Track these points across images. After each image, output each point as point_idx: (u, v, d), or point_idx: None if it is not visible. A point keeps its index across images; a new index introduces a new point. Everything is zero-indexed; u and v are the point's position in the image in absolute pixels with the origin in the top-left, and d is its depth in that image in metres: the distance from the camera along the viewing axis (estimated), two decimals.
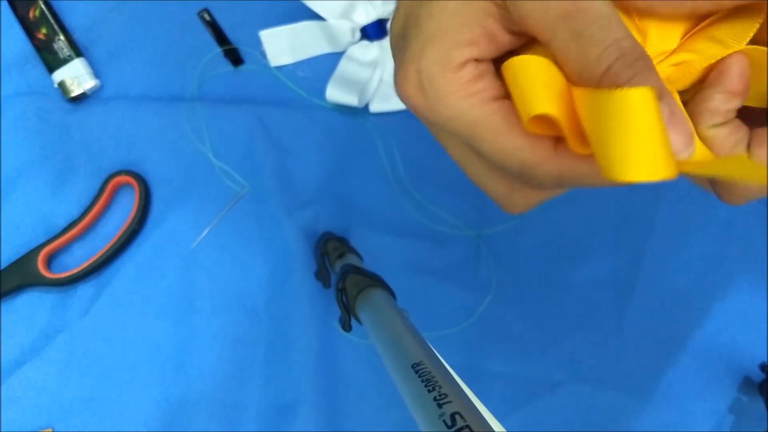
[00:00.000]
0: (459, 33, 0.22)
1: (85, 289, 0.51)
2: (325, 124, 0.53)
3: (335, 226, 0.51)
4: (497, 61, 0.23)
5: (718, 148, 0.23)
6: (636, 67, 0.19)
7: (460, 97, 0.22)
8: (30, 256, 0.50)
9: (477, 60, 0.22)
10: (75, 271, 0.50)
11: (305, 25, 0.54)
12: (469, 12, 0.22)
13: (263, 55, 0.54)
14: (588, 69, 0.20)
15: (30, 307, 0.50)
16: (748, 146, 0.23)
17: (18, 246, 0.51)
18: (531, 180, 0.23)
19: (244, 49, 0.54)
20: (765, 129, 0.23)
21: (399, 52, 0.24)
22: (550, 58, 0.21)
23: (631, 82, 0.19)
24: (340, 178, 0.53)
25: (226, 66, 0.54)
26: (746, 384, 0.49)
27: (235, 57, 0.54)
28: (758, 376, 0.49)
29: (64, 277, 0.50)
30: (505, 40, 0.23)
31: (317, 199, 0.52)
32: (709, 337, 0.50)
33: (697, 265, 0.51)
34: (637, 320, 0.50)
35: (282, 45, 0.54)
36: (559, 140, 0.22)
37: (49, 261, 0.51)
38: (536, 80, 0.21)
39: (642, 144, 0.18)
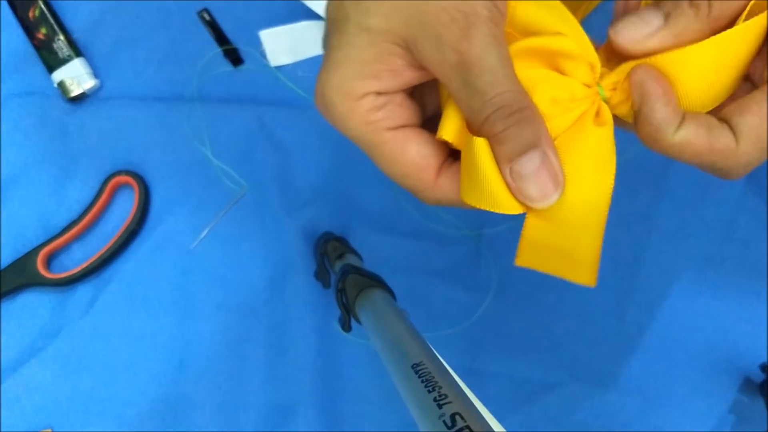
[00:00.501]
0: (360, 67, 0.24)
1: (84, 290, 0.51)
2: (325, 124, 0.53)
3: (335, 226, 0.51)
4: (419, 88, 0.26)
5: (700, 146, 0.23)
6: (512, 119, 0.22)
7: (358, 123, 0.24)
8: (29, 256, 0.50)
9: (378, 92, 0.24)
10: (74, 271, 0.50)
11: (305, 25, 0.54)
12: (372, 51, 0.24)
13: (263, 55, 0.54)
14: (473, 115, 0.23)
15: (29, 308, 0.50)
16: (729, 121, 0.23)
17: (17, 246, 0.51)
18: (420, 200, 0.26)
19: (244, 49, 0.54)
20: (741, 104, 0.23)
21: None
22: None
23: (504, 132, 0.22)
24: (339, 178, 0.53)
25: (226, 66, 0.54)
26: (747, 384, 0.49)
27: (234, 57, 0.54)
28: (759, 376, 0.49)
29: (64, 278, 0.50)
30: (413, 75, 0.25)
31: (317, 199, 0.52)
32: (710, 337, 0.50)
33: (697, 265, 0.51)
34: (637, 320, 0.50)
35: (282, 45, 0.54)
36: (443, 169, 0.25)
37: (49, 261, 0.51)
38: (447, 110, 0.25)
39: (477, 180, 0.23)
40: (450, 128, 0.24)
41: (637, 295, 0.51)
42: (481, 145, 0.22)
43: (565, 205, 0.24)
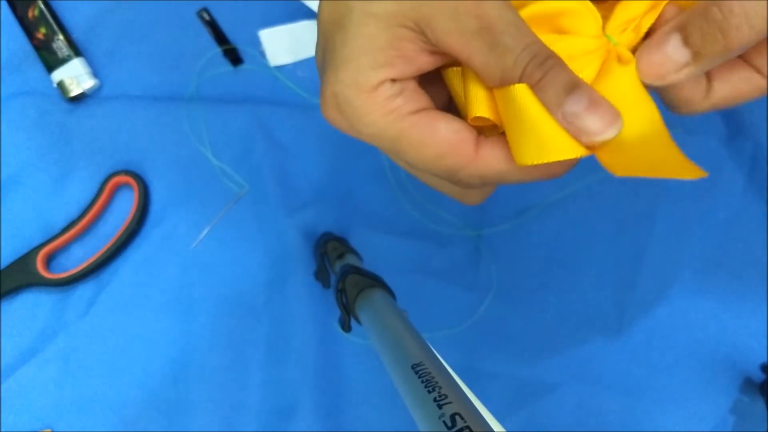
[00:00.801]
0: (373, 56, 0.23)
1: (84, 290, 0.51)
2: (325, 124, 0.53)
3: (335, 226, 0.51)
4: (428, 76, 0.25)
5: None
6: (546, 66, 0.22)
7: (378, 115, 0.23)
8: (29, 256, 0.50)
9: (393, 80, 0.23)
10: (74, 271, 0.50)
11: (305, 25, 0.54)
12: (382, 37, 0.23)
13: (263, 54, 0.54)
14: (507, 74, 0.22)
15: (29, 308, 0.50)
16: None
17: (17, 246, 0.51)
18: (459, 182, 0.24)
19: (244, 49, 0.54)
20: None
21: (321, 80, 0.25)
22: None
23: (544, 78, 0.22)
24: (339, 178, 0.53)
25: (226, 66, 0.54)
26: (747, 384, 0.49)
27: (234, 57, 0.54)
28: (759, 376, 0.49)
29: (64, 278, 0.49)
30: (426, 60, 0.24)
31: (317, 199, 0.52)
32: (710, 337, 0.50)
33: (698, 266, 0.51)
34: (637, 320, 0.50)
35: (281, 45, 0.54)
36: (479, 142, 0.24)
37: (49, 261, 0.51)
38: (470, 88, 0.24)
39: (531, 134, 0.22)
40: (481, 104, 0.23)
41: (637, 295, 0.51)
42: (524, 92, 0.22)
43: (627, 130, 0.23)
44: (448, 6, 0.22)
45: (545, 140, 0.22)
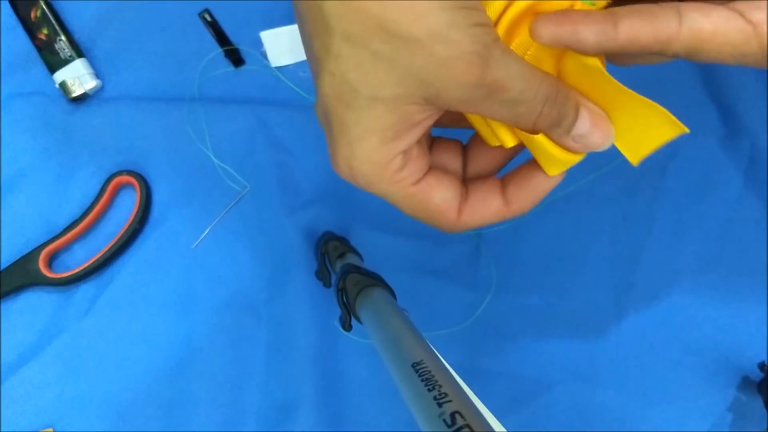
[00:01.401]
0: (384, 133, 0.24)
1: (86, 289, 0.51)
2: None
3: (335, 225, 0.52)
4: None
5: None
6: (558, 101, 0.25)
7: (387, 185, 0.27)
8: (31, 255, 0.50)
9: (403, 152, 0.26)
10: (76, 270, 0.50)
11: None
12: (392, 117, 0.24)
13: (264, 55, 0.54)
14: (523, 120, 0.25)
15: (31, 307, 0.51)
16: None
17: (19, 246, 0.51)
18: (442, 231, 0.29)
19: (245, 50, 0.54)
20: None
21: (327, 136, 0.27)
22: None
23: (559, 114, 0.25)
24: (340, 178, 0.53)
25: (227, 66, 0.54)
26: (745, 383, 0.49)
27: (236, 57, 0.54)
28: (757, 375, 0.49)
29: (65, 277, 0.50)
30: (433, 119, 0.26)
31: (318, 198, 0.52)
32: (708, 336, 0.50)
33: (696, 265, 0.51)
34: (636, 320, 0.51)
35: (283, 45, 0.54)
36: (461, 209, 0.28)
37: (51, 261, 0.51)
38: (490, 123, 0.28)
39: (553, 159, 0.27)
40: (505, 134, 0.27)
41: (636, 295, 0.51)
42: (542, 140, 0.26)
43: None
44: (454, 81, 0.22)
45: (556, 156, 0.26)
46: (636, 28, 0.23)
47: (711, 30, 0.22)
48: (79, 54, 0.53)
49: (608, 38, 0.23)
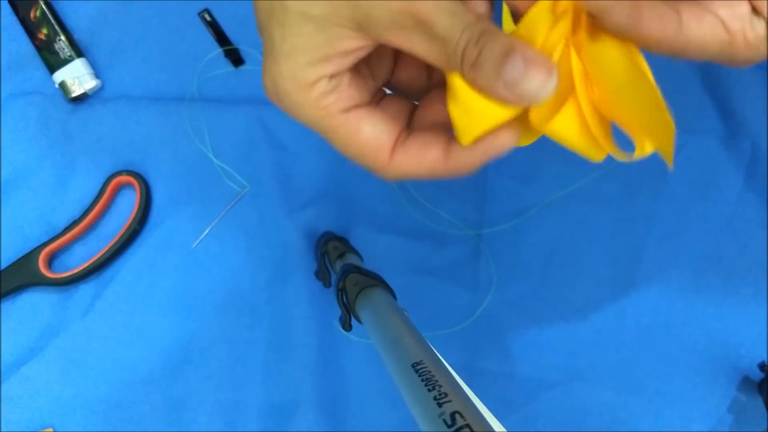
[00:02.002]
0: (310, 54, 0.24)
1: (85, 289, 0.51)
2: None
3: (335, 225, 0.52)
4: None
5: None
6: (481, 42, 0.22)
7: (312, 110, 0.25)
8: (31, 255, 0.50)
9: (330, 76, 0.25)
10: (76, 270, 0.50)
11: None
12: (320, 37, 0.24)
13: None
14: (450, 60, 0.23)
15: (31, 307, 0.51)
16: None
17: (19, 246, 0.51)
18: (381, 178, 0.27)
19: (245, 50, 0.54)
20: None
21: (263, 59, 0.26)
22: None
23: (481, 55, 0.22)
24: (340, 178, 0.53)
25: (227, 66, 0.54)
26: (745, 383, 0.49)
27: (235, 57, 0.54)
28: (757, 375, 0.49)
29: (65, 277, 0.50)
30: (363, 51, 0.25)
31: (317, 198, 0.52)
32: (708, 336, 0.50)
33: (696, 264, 0.51)
34: (636, 319, 0.51)
35: None
36: (395, 149, 0.26)
37: (50, 261, 0.51)
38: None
39: (470, 111, 0.24)
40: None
41: (636, 294, 0.51)
42: (457, 78, 0.23)
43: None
44: (383, 6, 0.23)
45: (477, 111, 0.23)
46: (646, 23, 0.23)
47: (700, 41, 0.23)
48: (79, 54, 0.53)
49: (634, 26, 0.23)
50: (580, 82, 0.25)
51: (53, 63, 0.52)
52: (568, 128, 0.25)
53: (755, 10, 0.23)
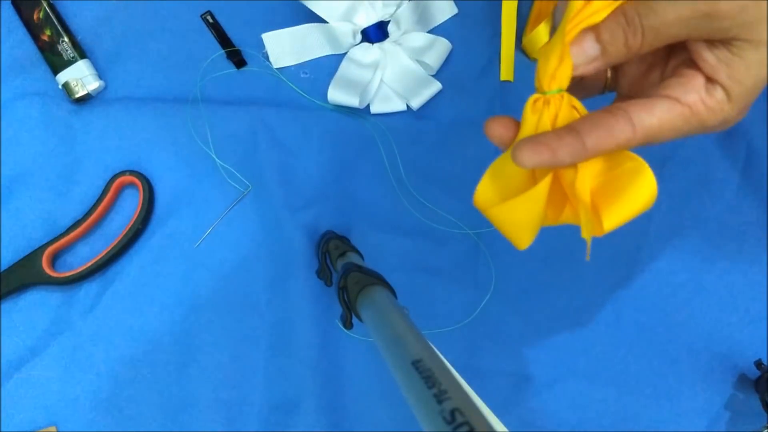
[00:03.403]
0: None
1: (89, 288, 0.51)
2: (327, 124, 0.53)
3: (337, 225, 0.52)
4: None
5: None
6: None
7: None
8: (34, 255, 0.50)
9: None
10: (79, 270, 0.50)
11: (307, 28, 0.54)
12: None
13: (265, 56, 0.54)
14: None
15: (34, 306, 0.51)
16: None
17: (22, 245, 0.51)
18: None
19: (247, 51, 0.54)
20: None
21: None
22: None
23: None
24: (341, 178, 0.53)
25: (229, 67, 0.54)
26: (742, 381, 0.50)
27: (238, 59, 0.54)
28: (754, 373, 0.49)
29: (69, 276, 0.50)
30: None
31: (319, 198, 0.52)
32: (706, 334, 0.51)
33: (694, 263, 0.51)
34: (634, 318, 0.51)
35: (284, 47, 0.54)
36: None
37: (54, 260, 0.51)
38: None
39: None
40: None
41: (634, 293, 0.51)
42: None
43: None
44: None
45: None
46: (600, 142, 0.26)
47: (658, 124, 0.27)
48: (82, 55, 0.53)
49: (580, 154, 0.27)
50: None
51: (56, 64, 0.53)
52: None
53: (710, 80, 0.27)
